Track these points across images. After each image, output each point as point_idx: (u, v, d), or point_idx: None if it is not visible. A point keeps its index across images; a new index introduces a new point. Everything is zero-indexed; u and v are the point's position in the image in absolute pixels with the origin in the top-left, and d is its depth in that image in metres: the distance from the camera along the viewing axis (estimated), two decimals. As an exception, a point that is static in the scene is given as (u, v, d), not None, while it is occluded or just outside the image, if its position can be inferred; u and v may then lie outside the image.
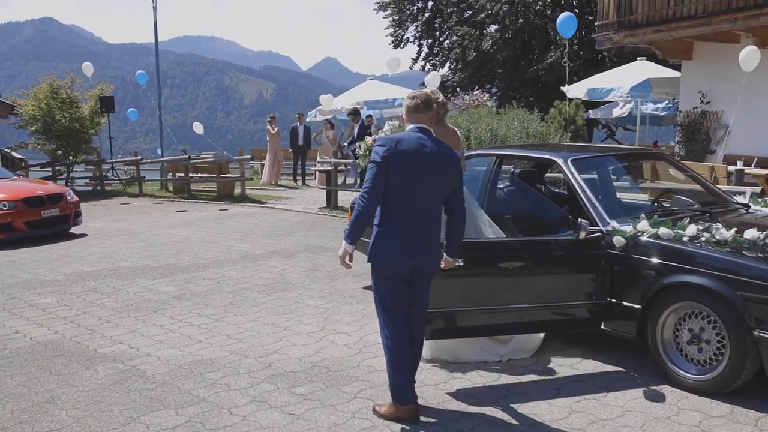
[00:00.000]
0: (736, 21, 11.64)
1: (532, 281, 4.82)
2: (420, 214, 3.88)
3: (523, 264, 4.82)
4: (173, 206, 15.06)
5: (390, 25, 26.92)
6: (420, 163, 3.84)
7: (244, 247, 9.65)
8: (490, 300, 4.71)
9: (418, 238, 3.88)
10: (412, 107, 4.01)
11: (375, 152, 3.86)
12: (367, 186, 3.83)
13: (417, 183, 3.83)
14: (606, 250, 4.74)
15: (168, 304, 6.66)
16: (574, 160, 5.24)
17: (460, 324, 4.72)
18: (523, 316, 4.80)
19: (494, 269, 4.75)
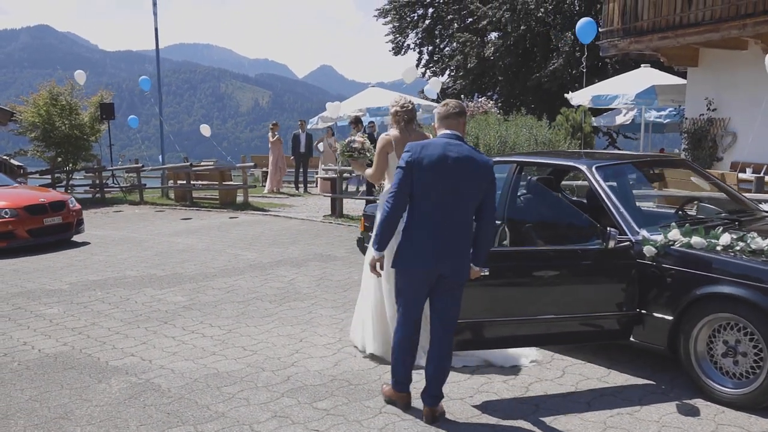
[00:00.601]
0: (745, 27, 11.55)
1: (559, 291, 4.69)
2: (447, 221, 3.84)
3: (550, 274, 4.71)
4: (175, 214, 14.90)
5: (390, 31, 26.88)
6: (445, 169, 3.81)
7: (251, 256, 9.49)
8: (516, 310, 4.59)
9: (444, 245, 3.84)
10: (443, 114, 4.01)
11: (402, 158, 3.89)
12: (392, 191, 3.85)
13: (442, 189, 3.81)
14: (635, 259, 4.61)
15: (178, 315, 6.50)
16: (598, 168, 5.12)
17: (486, 335, 4.58)
18: (551, 327, 4.67)
19: (520, 279, 4.65)
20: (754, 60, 12.68)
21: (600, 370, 4.83)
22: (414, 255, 3.87)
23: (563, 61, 21.42)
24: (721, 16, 12.02)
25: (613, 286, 4.69)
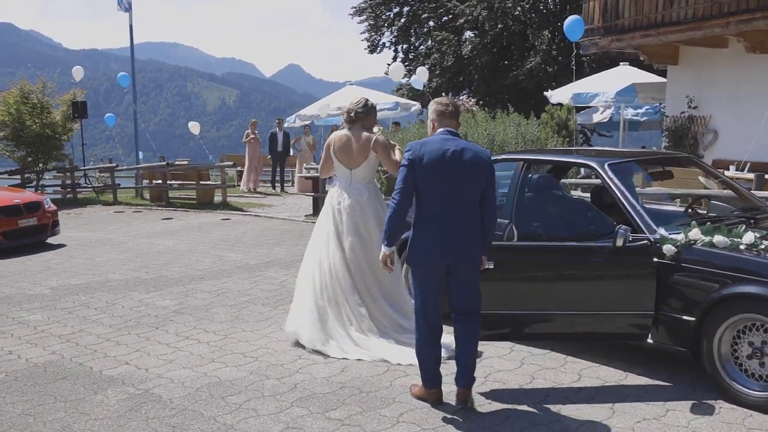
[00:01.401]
0: (728, 25, 11.56)
1: (573, 288, 4.64)
2: (452, 214, 3.99)
3: (565, 269, 4.65)
4: (152, 215, 14.53)
5: (366, 30, 26.66)
6: (445, 164, 3.96)
7: (237, 257, 9.23)
8: (530, 305, 4.63)
9: (450, 238, 3.98)
10: (440, 112, 4.19)
11: (404, 156, 4.05)
12: (397, 188, 4.00)
13: (444, 184, 3.96)
14: (653, 258, 4.48)
15: (169, 320, 6.24)
16: (611, 165, 4.98)
17: (500, 327, 4.64)
18: (565, 324, 4.63)
19: (535, 273, 4.67)
20: (735, 58, 12.75)
21: (617, 373, 4.70)
22: (423, 250, 4.01)
23: (540, 60, 21.40)
24: (703, 14, 12.03)
25: (630, 286, 4.56)
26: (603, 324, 4.65)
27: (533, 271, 4.68)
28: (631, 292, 4.56)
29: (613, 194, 4.84)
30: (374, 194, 5.59)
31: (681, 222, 4.78)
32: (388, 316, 5.38)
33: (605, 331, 4.69)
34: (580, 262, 4.62)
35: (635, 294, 4.54)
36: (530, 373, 4.75)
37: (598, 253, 4.57)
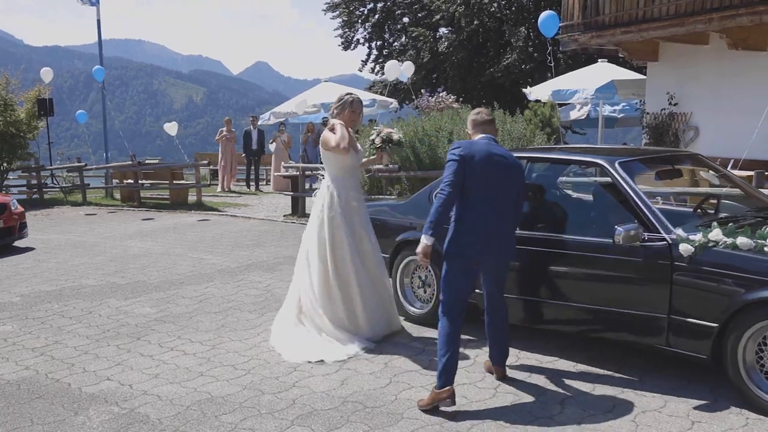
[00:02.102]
0: (712, 21, 11.44)
1: (583, 283, 4.75)
2: (495, 212, 4.22)
3: (575, 262, 4.75)
4: (124, 215, 14.05)
5: (339, 26, 26.28)
6: (491, 165, 4.21)
7: (216, 260, 8.87)
8: (544, 294, 4.90)
9: (490, 233, 4.21)
10: (479, 121, 4.48)
11: (451, 153, 4.22)
12: (447, 181, 4.13)
13: (489, 183, 4.19)
14: (669, 260, 4.26)
15: (151, 329, 5.87)
16: (621, 163, 4.75)
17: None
18: (577, 315, 4.75)
19: (548, 264, 4.86)
20: (716, 54, 12.67)
21: (631, 380, 4.47)
22: (466, 243, 4.19)
23: (516, 56, 21.24)
24: (686, 10, 11.90)
25: (642, 288, 4.39)
26: (614, 323, 4.57)
27: (545, 262, 4.85)
28: (645, 293, 4.38)
29: (625, 193, 4.62)
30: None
31: (695, 222, 4.59)
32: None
33: (617, 332, 4.56)
34: (591, 258, 4.64)
35: (650, 296, 4.35)
36: (541, 383, 4.50)
37: (613, 251, 4.44)
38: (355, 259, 5.34)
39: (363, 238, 5.44)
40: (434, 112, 11.11)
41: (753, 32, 11.66)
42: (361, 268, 5.37)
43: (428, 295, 5.83)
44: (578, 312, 4.76)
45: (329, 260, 5.32)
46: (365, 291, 5.37)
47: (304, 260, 5.52)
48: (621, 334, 4.59)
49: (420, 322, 5.82)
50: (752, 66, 12.10)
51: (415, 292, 5.96)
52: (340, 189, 5.41)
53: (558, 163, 5.44)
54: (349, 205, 5.38)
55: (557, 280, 4.87)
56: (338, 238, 5.32)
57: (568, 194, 5.85)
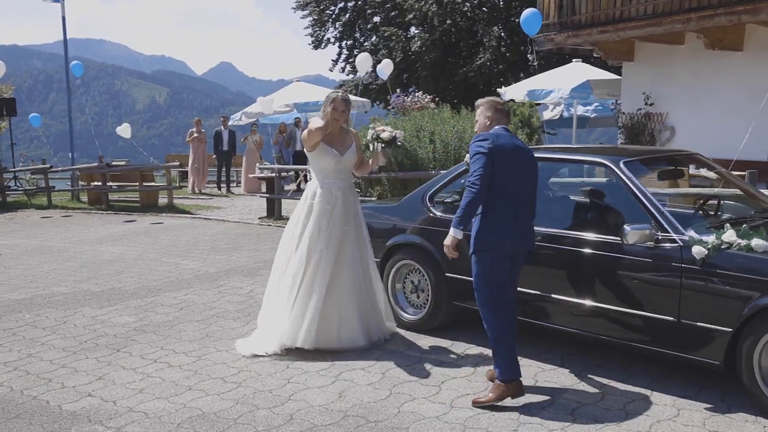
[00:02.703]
0: (690, 21, 11.45)
1: (592, 281, 4.60)
2: (518, 202, 4.22)
3: (584, 260, 4.62)
4: (92, 219, 13.60)
5: (310, 25, 25.97)
6: (516, 157, 4.21)
7: (194, 265, 8.56)
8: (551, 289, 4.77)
9: (519, 223, 4.21)
10: (502, 110, 4.39)
11: (479, 145, 4.15)
12: (478, 174, 4.07)
13: (515, 175, 4.19)
14: (680, 262, 4.12)
15: (131, 340, 5.57)
16: (627, 163, 4.61)
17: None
18: (582, 313, 4.62)
19: (556, 261, 4.74)
20: (691, 54, 12.71)
21: (640, 391, 4.31)
22: (499, 234, 4.16)
23: (490, 56, 21.17)
24: (663, 10, 11.90)
25: (653, 289, 4.26)
26: (621, 324, 4.45)
27: (554, 259, 4.75)
28: (652, 295, 4.26)
29: (631, 194, 4.47)
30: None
31: (700, 223, 4.48)
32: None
33: (624, 334, 4.44)
34: (599, 258, 4.52)
35: (657, 298, 4.23)
36: (549, 392, 4.32)
37: (616, 249, 4.38)
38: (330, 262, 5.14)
39: (351, 240, 5.22)
40: (414, 111, 10.90)
41: (729, 32, 11.70)
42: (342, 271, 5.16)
43: (422, 301, 5.63)
44: (582, 310, 4.61)
45: (307, 258, 5.13)
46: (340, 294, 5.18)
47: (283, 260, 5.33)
48: (628, 336, 4.44)
49: (413, 329, 5.62)
50: (728, 66, 12.16)
51: (407, 298, 5.76)
52: (328, 189, 5.20)
53: (561, 162, 5.28)
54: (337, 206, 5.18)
55: (561, 276, 4.73)
56: (315, 240, 5.13)
57: (572, 192, 5.68)
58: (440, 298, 5.42)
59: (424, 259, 5.51)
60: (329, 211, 5.13)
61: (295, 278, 5.13)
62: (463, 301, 5.28)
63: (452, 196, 5.78)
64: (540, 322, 4.86)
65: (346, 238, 5.18)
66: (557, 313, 4.76)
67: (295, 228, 5.25)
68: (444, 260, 5.30)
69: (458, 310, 5.45)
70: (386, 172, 10.05)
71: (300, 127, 17.69)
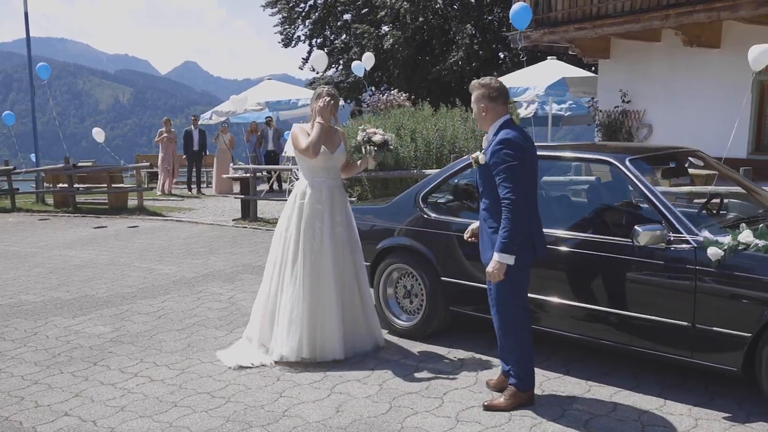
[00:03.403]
0: (668, 18, 11.38)
1: (598, 285, 4.37)
2: (535, 207, 3.97)
3: (589, 265, 4.41)
4: (59, 222, 13.11)
5: (279, 22, 25.56)
6: (534, 158, 3.98)
7: (169, 270, 8.21)
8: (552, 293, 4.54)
9: (539, 226, 4.02)
10: (497, 97, 3.95)
11: (508, 155, 3.75)
12: (516, 191, 3.74)
13: (533, 177, 3.95)
14: (694, 264, 3.94)
15: (108, 352, 5.24)
16: (633, 161, 4.42)
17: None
18: (591, 318, 4.39)
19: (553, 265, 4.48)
20: (668, 51, 12.67)
21: (654, 400, 4.11)
22: (533, 248, 3.93)
23: (463, 54, 21.01)
24: (641, 6, 11.83)
25: (665, 293, 4.07)
26: (632, 329, 4.23)
27: (558, 262, 4.49)
28: (665, 299, 4.07)
29: (640, 193, 4.29)
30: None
31: (707, 222, 4.32)
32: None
33: (635, 339, 4.22)
34: (605, 260, 4.30)
35: (670, 302, 4.04)
36: (558, 402, 4.11)
37: (626, 251, 4.18)
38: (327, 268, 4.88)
39: (343, 242, 4.97)
40: (394, 109, 10.66)
41: (707, 29, 11.67)
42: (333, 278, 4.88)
43: (415, 306, 5.38)
44: (588, 315, 4.40)
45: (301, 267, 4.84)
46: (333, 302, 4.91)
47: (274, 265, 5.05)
48: (639, 342, 4.23)
49: (407, 336, 5.38)
50: (705, 63, 12.14)
51: (399, 303, 5.51)
52: (318, 189, 4.93)
53: (563, 160, 5.07)
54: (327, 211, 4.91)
55: (566, 279, 4.50)
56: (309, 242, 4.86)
57: (576, 192, 5.49)
58: (435, 304, 5.18)
59: (417, 262, 5.27)
60: (320, 211, 4.86)
61: (291, 284, 4.84)
62: (460, 306, 5.07)
63: (446, 197, 5.56)
64: (543, 327, 4.64)
65: (338, 239, 4.91)
66: (562, 318, 4.55)
67: (287, 231, 4.96)
68: (439, 263, 5.10)
69: (454, 316, 5.22)
70: (367, 172, 9.79)
71: (272, 126, 17.36)
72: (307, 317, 4.77)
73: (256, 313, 5.10)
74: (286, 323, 4.80)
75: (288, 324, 4.80)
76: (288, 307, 4.81)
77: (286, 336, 4.79)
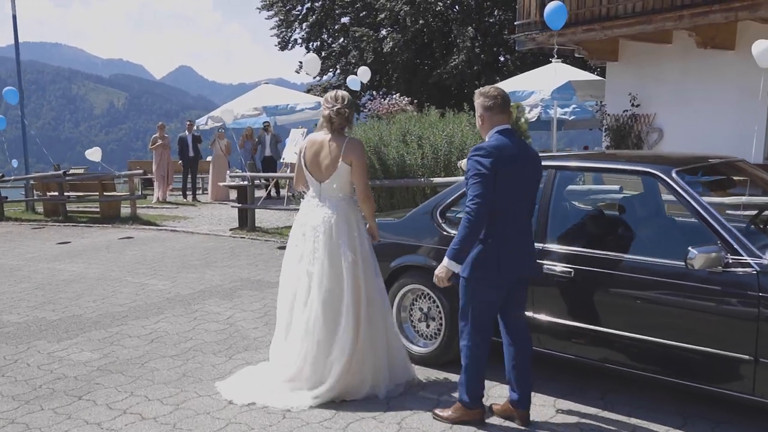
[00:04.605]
0: (682, 19, 10.95)
1: (642, 311, 3.89)
2: (521, 221, 3.78)
3: (632, 289, 3.93)
4: (48, 232, 12.61)
5: (276, 25, 25.09)
6: (520, 170, 3.72)
7: (163, 286, 7.73)
8: (596, 320, 4.05)
9: (521, 246, 3.78)
10: (493, 106, 3.78)
11: (478, 163, 3.60)
12: (478, 201, 3.57)
13: (518, 191, 3.72)
14: (757, 290, 3.47)
15: (95, 383, 4.75)
16: (680, 172, 3.96)
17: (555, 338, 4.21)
18: (628, 348, 3.95)
19: (601, 287, 4.04)
20: (681, 53, 12.25)
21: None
22: (496, 264, 3.70)
23: (464, 58, 20.57)
24: (654, 7, 11.40)
25: (723, 322, 3.60)
26: (683, 363, 3.76)
27: (596, 285, 4.05)
28: (722, 329, 3.61)
29: (690, 208, 3.82)
30: (347, 213, 4.43)
31: (764, 240, 3.84)
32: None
33: (686, 374, 3.75)
34: (652, 283, 3.84)
35: (729, 333, 3.57)
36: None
37: (677, 275, 3.70)
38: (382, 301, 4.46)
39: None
40: (399, 114, 10.20)
41: (722, 30, 11.25)
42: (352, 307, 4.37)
43: (432, 331, 4.91)
44: (631, 344, 3.93)
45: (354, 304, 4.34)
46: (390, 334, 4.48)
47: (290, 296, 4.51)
48: (690, 377, 3.76)
49: (423, 363, 4.90)
50: (719, 65, 11.72)
51: (415, 327, 5.04)
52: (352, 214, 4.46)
53: (597, 172, 4.61)
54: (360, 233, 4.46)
55: (605, 304, 4.03)
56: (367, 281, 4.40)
57: (615, 207, 5.01)
58: (455, 328, 4.69)
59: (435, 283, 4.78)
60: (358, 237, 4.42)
61: (329, 309, 4.34)
62: (484, 331, 4.58)
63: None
64: (578, 356, 4.17)
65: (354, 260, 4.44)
66: (600, 347, 4.08)
67: (302, 257, 4.43)
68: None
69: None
70: (371, 180, 9.32)
71: (269, 132, 16.88)
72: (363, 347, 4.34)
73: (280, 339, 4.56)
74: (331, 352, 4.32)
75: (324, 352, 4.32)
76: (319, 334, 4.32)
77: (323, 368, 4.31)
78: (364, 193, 4.41)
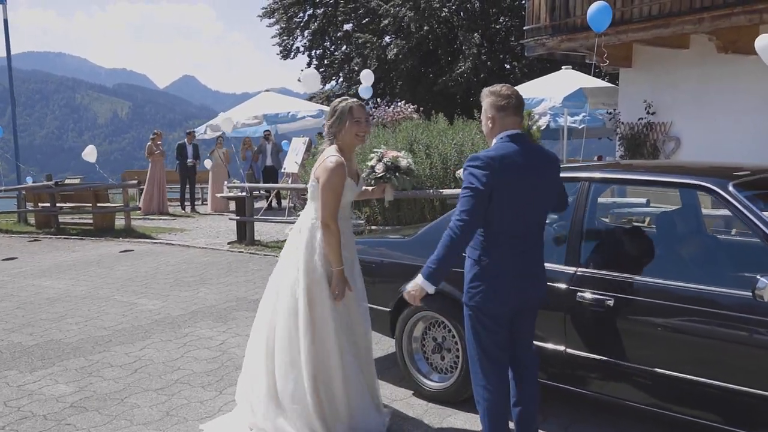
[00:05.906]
0: (702, 22, 10.43)
1: (694, 348, 3.32)
2: (528, 239, 3.28)
3: (679, 321, 3.37)
4: (39, 245, 12.08)
5: (277, 33, 24.63)
6: (527, 181, 3.20)
7: (153, 305, 7.19)
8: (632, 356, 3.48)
9: (528, 267, 3.29)
10: (506, 106, 3.25)
11: (472, 175, 3.14)
12: (464, 219, 3.12)
13: (524, 206, 3.22)
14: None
15: (65, 424, 4.20)
16: (738, 186, 3.41)
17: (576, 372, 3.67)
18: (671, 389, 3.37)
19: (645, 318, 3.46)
20: (698, 59, 11.72)
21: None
22: (498, 287, 3.22)
23: (470, 65, 20.07)
24: (671, 10, 10.89)
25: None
26: (744, 408, 3.19)
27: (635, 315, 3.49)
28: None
29: (753, 228, 3.27)
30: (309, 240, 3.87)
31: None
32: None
33: (747, 421, 3.18)
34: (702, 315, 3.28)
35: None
36: None
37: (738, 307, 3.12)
38: (340, 334, 3.79)
39: (352, 302, 3.93)
40: (405, 122, 9.68)
41: (744, 34, 10.70)
42: (347, 343, 3.81)
43: (448, 364, 4.36)
44: (681, 386, 3.36)
45: (303, 335, 3.75)
46: (349, 373, 3.82)
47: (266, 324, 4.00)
48: (758, 425, 3.20)
49: (437, 400, 4.35)
50: (739, 71, 11.18)
51: (429, 360, 4.48)
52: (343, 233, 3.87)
53: (638, 185, 4.07)
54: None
55: (647, 339, 3.46)
56: (318, 310, 3.77)
57: (652, 224, 4.48)
58: (474, 361, 4.15)
59: (450, 309, 4.23)
60: (347, 260, 3.86)
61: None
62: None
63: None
64: (614, 396, 3.61)
65: (352, 298, 3.92)
66: (640, 388, 3.52)
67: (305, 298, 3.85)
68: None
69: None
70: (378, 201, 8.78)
71: (270, 141, 16.38)
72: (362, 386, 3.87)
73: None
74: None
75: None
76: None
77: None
78: (321, 221, 3.75)
